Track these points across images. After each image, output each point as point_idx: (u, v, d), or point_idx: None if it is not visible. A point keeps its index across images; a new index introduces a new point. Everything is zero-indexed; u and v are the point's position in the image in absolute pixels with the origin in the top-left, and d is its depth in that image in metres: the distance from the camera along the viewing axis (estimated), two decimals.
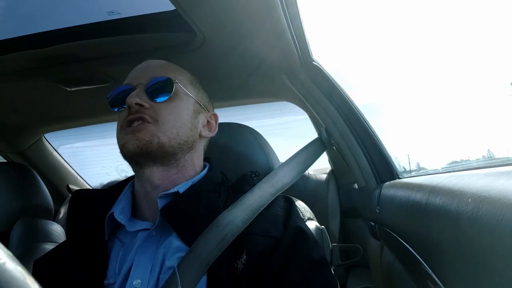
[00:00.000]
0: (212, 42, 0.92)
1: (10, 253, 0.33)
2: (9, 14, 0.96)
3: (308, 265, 0.68)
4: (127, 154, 0.71)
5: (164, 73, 0.76)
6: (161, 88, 0.74)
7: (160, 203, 0.70)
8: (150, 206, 0.74)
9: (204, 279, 0.65)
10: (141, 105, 0.71)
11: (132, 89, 0.74)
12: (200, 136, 0.80)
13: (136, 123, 0.71)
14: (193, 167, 0.78)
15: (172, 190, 0.72)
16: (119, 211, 0.72)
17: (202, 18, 0.82)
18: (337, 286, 0.71)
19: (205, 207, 0.72)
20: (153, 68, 0.78)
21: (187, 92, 0.77)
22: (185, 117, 0.76)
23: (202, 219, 0.70)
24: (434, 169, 0.94)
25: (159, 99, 0.73)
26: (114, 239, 0.73)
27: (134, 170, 0.77)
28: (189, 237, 0.68)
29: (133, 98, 0.71)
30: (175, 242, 0.68)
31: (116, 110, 0.77)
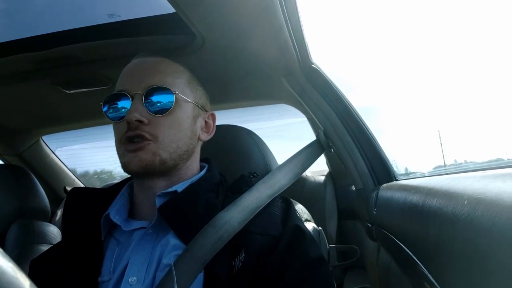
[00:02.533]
0: (211, 44, 0.92)
1: (1, 250, 0.34)
2: (9, 17, 0.97)
3: (306, 264, 0.68)
4: (129, 172, 0.72)
5: (162, 78, 0.73)
6: (160, 99, 0.71)
7: (158, 202, 0.71)
8: (148, 206, 0.74)
9: (201, 276, 0.65)
10: (141, 121, 0.69)
11: (128, 97, 0.71)
12: (199, 139, 0.79)
13: (135, 139, 0.70)
14: (191, 170, 0.79)
15: (170, 189, 0.73)
16: (115, 212, 0.73)
17: (201, 21, 0.82)
18: (334, 284, 0.72)
19: (203, 207, 0.73)
20: (148, 71, 0.74)
21: (186, 99, 0.75)
22: (185, 127, 0.74)
23: (200, 218, 0.71)
24: (430, 171, 0.95)
25: (158, 113, 0.71)
26: (110, 239, 0.73)
27: (134, 179, 0.78)
28: (186, 235, 0.68)
29: (133, 115, 0.68)
30: (172, 240, 0.69)
31: (109, 118, 0.74)
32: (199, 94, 0.80)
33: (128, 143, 0.70)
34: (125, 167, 0.71)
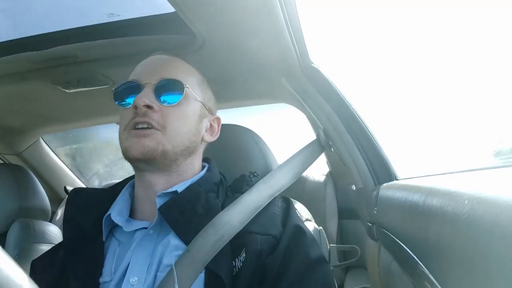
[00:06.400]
0: (211, 44, 0.92)
1: (8, 255, 0.34)
2: (8, 17, 0.96)
3: (307, 264, 0.68)
4: (129, 157, 0.70)
5: (174, 73, 0.74)
6: (170, 90, 0.72)
7: (159, 202, 0.71)
8: (149, 206, 0.74)
9: (202, 277, 0.66)
10: (149, 107, 0.70)
11: (139, 86, 0.72)
12: (202, 140, 0.80)
13: (141, 125, 0.70)
14: (192, 170, 0.79)
15: (170, 189, 0.73)
16: (116, 212, 0.73)
17: (201, 20, 0.82)
18: (335, 284, 0.72)
19: (203, 207, 0.73)
20: (163, 66, 0.76)
21: (195, 96, 0.76)
22: (191, 123, 0.75)
23: (200, 218, 0.71)
24: (431, 171, 0.95)
25: (168, 103, 0.71)
26: (112, 239, 0.74)
27: (135, 173, 0.77)
28: (187, 235, 0.69)
29: (142, 99, 0.69)
30: (173, 240, 0.69)
31: (118, 104, 0.74)
32: (208, 96, 0.82)
33: (134, 129, 0.70)
34: (126, 151, 0.70)
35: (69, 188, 1.89)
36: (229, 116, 1.59)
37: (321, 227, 0.93)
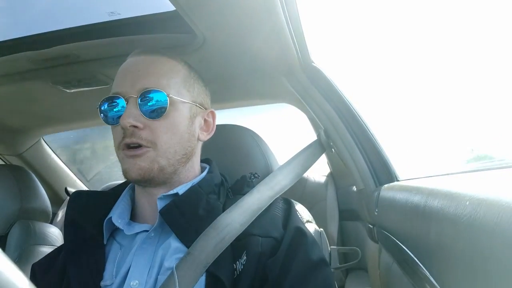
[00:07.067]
0: (212, 43, 0.92)
1: (8, 258, 0.33)
2: (9, 16, 0.97)
3: (307, 266, 0.68)
4: (129, 179, 0.71)
5: (156, 80, 0.70)
6: (154, 103, 0.69)
7: (160, 205, 0.71)
8: (150, 209, 0.74)
9: (203, 280, 0.66)
10: (136, 126, 0.68)
11: (122, 101, 0.70)
12: (198, 140, 0.78)
13: (132, 144, 0.69)
14: (193, 172, 0.78)
15: (171, 192, 0.72)
16: (117, 216, 0.73)
17: (202, 19, 0.82)
18: (336, 286, 0.71)
19: (204, 209, 0.72)
20: (143, 72, 0.72)
21: (182, 100, 0.73)
22: (182, 129, 0.73)
23: (201, 221, 0.71)
24: (432, 172, 0.94)
25: (153, 117, 0.69)
26: (113, 242, 0.73)
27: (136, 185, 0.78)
28: (188, 238, 0.68)
29: (127, 121, 0.67)
30: (173, 243, 0.69)
31: (105, 122, 0.73)
32: (197, 92, 0.78)
33: (127, 149, 0.70)
34: (125, 173, 0.70)
35: (70, 189, 1.90)
36: (229, 116, 1.59)
37: (322, 229, 0.93)
